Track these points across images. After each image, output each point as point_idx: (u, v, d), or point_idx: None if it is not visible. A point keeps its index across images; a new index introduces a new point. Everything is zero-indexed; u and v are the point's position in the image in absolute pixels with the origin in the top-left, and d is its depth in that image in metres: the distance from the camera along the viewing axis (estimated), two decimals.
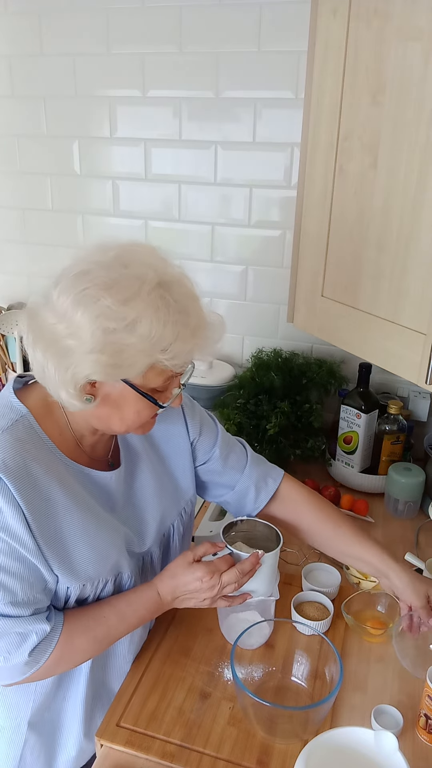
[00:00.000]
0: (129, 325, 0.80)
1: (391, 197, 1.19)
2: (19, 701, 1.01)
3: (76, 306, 0.80)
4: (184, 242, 1.85)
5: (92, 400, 0.86)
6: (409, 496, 1.52)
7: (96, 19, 1.70)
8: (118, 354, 0.81)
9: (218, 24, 1.61)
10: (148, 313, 0.80)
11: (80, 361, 0.81)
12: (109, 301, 0.79)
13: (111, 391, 0.87)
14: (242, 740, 0.95)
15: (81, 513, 0.92)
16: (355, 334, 1.34)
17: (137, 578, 1.03)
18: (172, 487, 1.11)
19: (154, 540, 1.06)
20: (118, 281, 0.81)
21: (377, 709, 0.99)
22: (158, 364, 0.84)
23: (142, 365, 0.83)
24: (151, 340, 0.81)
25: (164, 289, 0.83)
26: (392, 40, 1.12)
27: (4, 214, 2.01)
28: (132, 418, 0.90)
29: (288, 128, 1.64)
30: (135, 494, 1.04)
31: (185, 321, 0.83)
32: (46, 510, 0.88)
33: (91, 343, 0.80)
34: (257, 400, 1.63)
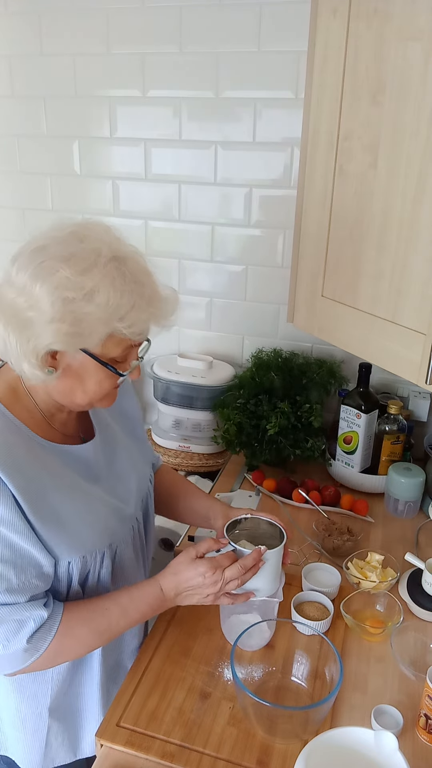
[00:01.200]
0: (87, 295, 0.83)
1: (391, 197, 1.19)
2: (37, 690, 1.03)
3: (35, 279, 0.83)
4: (184, 242, 1.85)
5: (53, 371, 0.88)
6: (409, 496, 1.52)
7: (96, 19, 1.70)
8: (78, 323, 0.84)
9: (218, 24, 1.61)
10: (105, 282, 0.84)
11: (41, 331, 0.84)
12: (67, 272, 0.83)
13: (72, 362, 0.89)
14: (242, 740, 0.95)
15: (68, 489, 0.95)
16: (355, 334, 1.34)
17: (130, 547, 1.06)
18: (140, 454, 1.16)
19: (136, 504, 1.09)
20: (75, 254, 0.84)
21: (377, 709, 0.99)
22: (116, 333, 0.87)
23: (100, 334, 0.86)
24: (108, 309, 0.84)
25: (119, 261, 0.86)
26: (392, 40, 1.12)
27: (4, 214, 2.01)
28: (94, 389, 0.92)
29: (288, 128, 1.64)
30: (114, 462, 1.08)
31: (140, 291, 0.87)
32: (34, 490, 0.89)
33: (51, 313, 0.83)
34: (257, 400, 1.63)
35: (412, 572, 1.30)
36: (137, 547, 1.11)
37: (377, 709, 0.99)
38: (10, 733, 1.08)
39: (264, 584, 1.04)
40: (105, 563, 1.00)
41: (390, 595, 1.20)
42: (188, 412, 1.85)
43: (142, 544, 1.13)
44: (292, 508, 1.55)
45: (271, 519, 1.11)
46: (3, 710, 1.06)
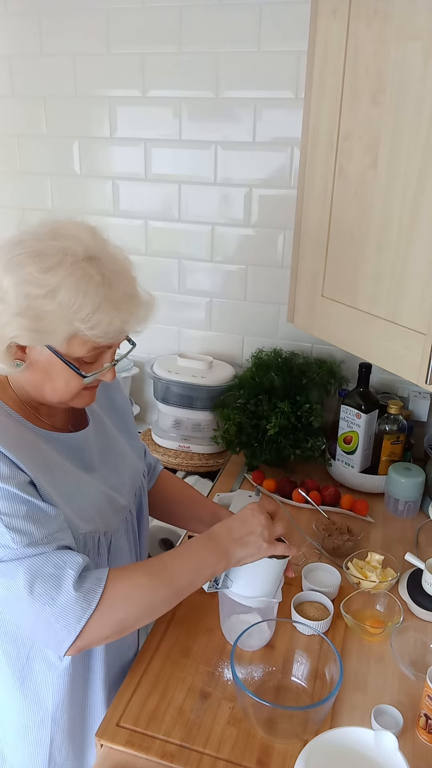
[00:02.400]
0: (50, 293, 0.83)
1: (391, 197, 1.19)
2: (39, 693, 1.00)
3: (5, 271, 0.85)
4: (184, 242, 1.85)
5: (21, 364, 0.90)
6: (409, 496, 1.52)
7: (96, 19, 1.70)
8: (39, 319, 0.84)
9: (218, 24, 1.61)
10: (68, 282, 0.84)
11: (6, 323, 0.85)
12: (32, 269, 0.84)
13: (38, 357, 0.90)
14: (242, 740, 0.95)
15: (62, 474, 0.95)
16: (355, 334, 1.34)
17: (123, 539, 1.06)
18: (131, 449, 1.16)
19: (129, 497, 1.09)
20: (44, 251, 0.85)
21: (377, 709, 0.99)
22: (79, 334, 0.86)
23: (62, 333, 0.86)
24: (70, 308, 0.84)
25: (89, 263, 0.86)
26: (392, 40, 1.12)
27: (4, 214, 2.01)
28: (62, 387, 0.92)
29: (288, 128, 1.64)
30: (107, 453, 1.08)
31: (106, 293, 0.86)
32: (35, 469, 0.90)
33: (15, 307, 0.84)
34: (257, 400, 1.63)
35: (412, 572, 1.30)
36: (131, 541, 1.10)
37: (377, 709, 0.99)
38: (14, 744, 1.04)
39: (264, 590, 1.03)
40: (101, 550, 0.99)
41: (390, 595, 1.20)
42: (188, 412, 1.85)
43: (135, 539, 1.13)
44: (292, 508, 1.55)
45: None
46: (8, 716, 1.03)
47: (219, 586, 1.02)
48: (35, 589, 0.84)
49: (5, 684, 1.00)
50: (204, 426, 1.86)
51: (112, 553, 1.03)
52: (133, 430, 1.20)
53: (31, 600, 0.83)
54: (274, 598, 1.05)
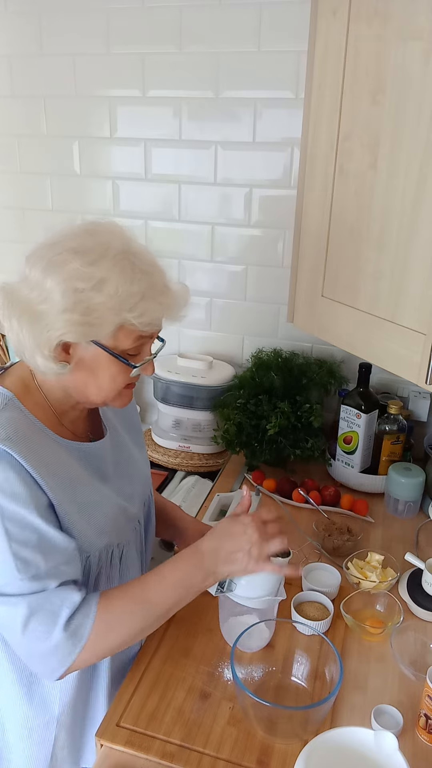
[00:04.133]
0: (97, 285, 0.84)
1: (391, 197, 1.19)
2: (46, 699, 1.01)
3: (46, 272, 0.85)
4: (184, 242, 1.85)
5: (67, 366, 0.89)
6: (409, 496, 1.52)
7: (96, 19, 1.70)
8: (88, 313, 0.84)
9: (218, 24, 1.61)
10: (114, 272, 0.85)
11: (53, 322, 0.84)
12: (77, 264, 0.84)
13: (84, 354, 0.89)
14: (242, 740, 0.95)
15: (81, 485, 0.95)
16: (355, 334, 1.34)
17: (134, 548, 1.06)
18: (142, 459, 1.16)
19: (139, 505, 1.09)
20: (85, 245, 0.86)
21: (377, 709, 0.99)
22: (127, 324, 0.87)
23: (111, 324, 0.86)
24: (118, 298, 0.84)
25: (129, 254, 0.88)
26: (392, 40, 1.12)
27: (4, 214, 2.01)
28: (108, 384, 0.92)
29: (288, 128, 1.64)
30: (122, 462, 1.08)
31: (150, 281, 0.88)
32: (55, 482, 0.89)
33: (62, 304, 0.84)
34: (257, 400, 1.63)
35: (412, 572, 1.30)
36: (139, 550, 1.11)
37: (377, 709, 0.99)
38: (15, 745, 1.04)
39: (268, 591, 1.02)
40: (114, 562, 1.00)
41: (390, 595, 1.20)
42: (188, 412, 1.85)
43: (142, 547, 1.13)
44: (292, 508, 1.55)
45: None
46: (10, 721, 1.03)
47: (224, 590, 1.01)
48: (29, 625, 0.86)
49: (11, 690, 1.00)
50: (204, 426, 1.86)
51: (123, 564, 1.03)
52: (142, 440, 1.20)
53: (23, 635, 0.86)
54: (277, 596, 1.04)
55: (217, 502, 1.48)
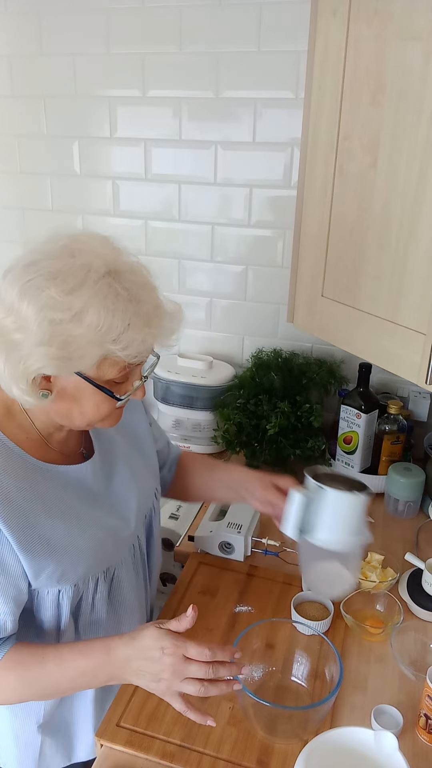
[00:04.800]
0: (76, 316, 0.78)
1: (391, 197, 1.19)
2: (29, 708, 1.00)
3: (22, 297, 0.78)
4: (184, 242, 1.85)
5: (48, 395, 0.84)
6: (409, 496, 1.52)
7: (96, 19, 1.70)
8: (67, 346, 0.78)
9: (218, 24, 1.61)
10: (94, 302, 0.78)
11: (29, 354, 0.79)
12: (53, 291, 0.77)
13: (66, 384, 0.84)
14: (242, 740, 0.95)
15: (60, 516, 0.90)
16: (355, 335, 1.34)
17: (130, 567, 1.03)
18: (144, 468, 1.12)
19: (137, 521, 1.06)
20: (63, 271, 0.79)
21: (377, 709, 0.99)
22: (110, 356, 0.81)
23: (93, 357, 0.80)
24: (99, 331, 0.78)
25: (112, 277, 0.80)
26: (392, 40, 1.12)
27: (4, 214, 2.01)
28: (92, 411, 0.87)
29: (288, 128, 1.64)
30: (114, 480, 1.04)
31: (136, 309, 0.81)
32: (23, 521, 0.86)
33: (38, 335, 0.78)
34: (257, 400, 1.63)
35: (412, 572, 1.30)
36: (138, 567, 1.07)
37: (377, 709, 0.99)
38: (3, 746, 1.05)
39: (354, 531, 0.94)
40: (100, 588, 0.96)
41: (390, 595, 1.20)
42: (188, 412, 1.85)
43: (144, 564, 1.10)
44: None
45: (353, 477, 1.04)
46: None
47: (303, 534, 0.94)
48: None
49: None
50: (204, 426, 1.86)
51: (114, 588, 1.00)
52: (148, 447, 1.15)
53: None
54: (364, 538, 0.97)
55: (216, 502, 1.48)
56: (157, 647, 0.85)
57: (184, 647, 0.85)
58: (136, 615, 1.08)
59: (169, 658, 0.84)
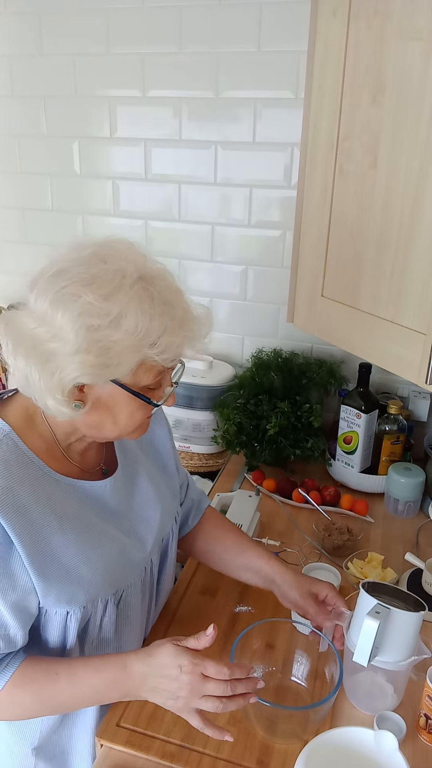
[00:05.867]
0: (114, 321, 0.76)
1: (391, 197, 1.19)
2: (26, 727, 0.98)
3: (56, 306, 0.77)
4: (184, 242, 1.85)
5: (81, 406, 0.82)
6: (409, 496, 1.52)
7: (96, 19, 1.70)
8: (105, 352, 0.77)
9: (218, 24, 1.61)
10: (132, 306, 0.77)
11: (66, 363, 0.77)
12: (90, 297, 0.76)
13: (101, 394, 0.83)
14: (242, 740, 0.95)
15: (74, 531, 0.88)
16: (355, 334, 1.34)
17: (138, 591, 1.00)
18: (167, 489, 1.09)
19: (153, 546, 1.03)
20: (98, 276, 0.78)
21: (380, 715, 0.97)
22: (148, 360, 0.80)
23: (130, 363, 0.79)
24: (137, 335, 0.77)
25: (146, 282, 0.80)
26: (392, 40, 1.12)
27: (4, 214, 2.01)
28: (125, 421, 0.86)
29: (288, 128, 1.64)
30: (135, 500, 1.01)
31: (171, 313, 0.80)
32: (36, 536, 0.84)
33: (75, 344, 0.76)
34: (257, 400, 1.63)
35: (412, 572, 1.30)
36: (145, 592, 1.04)
37: (380, 715, 0.97)
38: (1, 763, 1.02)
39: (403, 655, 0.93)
40: (108, 611, 0.94)
41: None
42: (188, 412, 1.85)
43: (152, 587, 1.07)
44: (292, 508, 1.55)
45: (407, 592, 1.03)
46: None
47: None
48: None
49: None
50: (204, 426, 1.86)
51: (121, 611, 0.97)
52: (171, 468, 1.11)
53: None
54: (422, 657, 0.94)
55: (217, 502, 1.49)
56: (175, 665, 0.83)
57: (203, 665, 0.83)
58: (137, 637, 1.05)
59: (187, 676, 0.83)
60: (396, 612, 0.91)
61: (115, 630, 0.98)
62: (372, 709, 1.00)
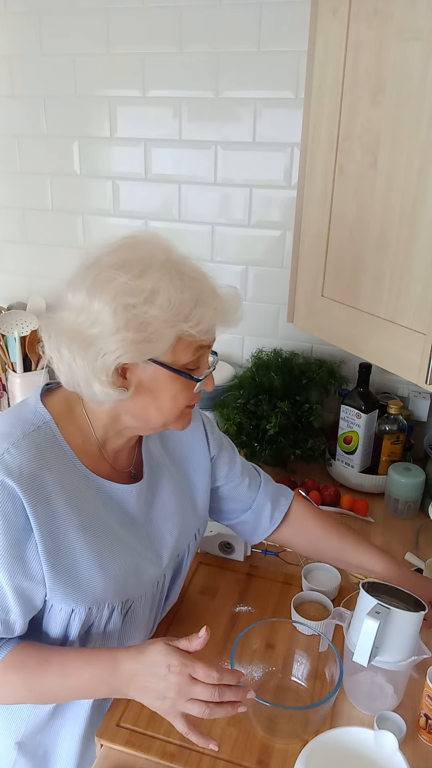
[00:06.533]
0: (148, 297, 0.80)
1: (391, 197, 1.19)
2: (11, 721, 0.98)
3: (92, 294, 0.80)
4: (184, 242, 1.82)
5: (126, 391, 0.84)
6: (409, 496, 1.52)
7: (96, 19, 1.70)
8: (144, 328, 0.80)
9: (218, 24, 1.61)
10: (164, 282, 0.80)
11: (108, 344, 0.80)
12: (124, 278, 0.80)
13: (143, 376, 0.85)
14: (242, 740, 0.95)
15: (94, 531, 0.89)
16: (355, 334, 1.34)
17: (147, 603, 1.00)
18: (191, 504, 1.08)
19: (169, 561, 1.02)
20: (128, 259, 0.82)
21: (380, 715, 0.97)
22: (184, 336, 0.83)
23: (168, 338, 0.81)
24: (172, 309, 0.80)
25: (174, 262, 0.84)
26: (392, 40, 1.12)
27: (4, 214, 2.01)
28: (169, 405, 0.87)
29: (288, 128, 1.64)
30: (155, 510, 1.01)
31: (201, 286, 0.84)
32: (55, 526, 0.85)
33: (114, 323, 0.79)
34: (257, 400, 1.63)
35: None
36: (153, 604, 1.03)
37: (380, 715, 0.97)
38: None
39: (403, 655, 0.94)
40: (114, 618, 0.94)
41: None
42: None
43: (160, 602, 1.06)
44: None
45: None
46: None
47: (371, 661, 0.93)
48: None
49: None
50: None
51: (127, 620, 0.97)
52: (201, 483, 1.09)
53: None
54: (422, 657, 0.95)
55: None
56: (164, 664, 0.83)
57: (192, 667, 0.82)
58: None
59: (176, 677, 0.82)
60: (396, 612, 0.92)
61: (118, 638, 0.98)
62: (372, 709, 1.00)
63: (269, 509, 1.15)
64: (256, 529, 1.16)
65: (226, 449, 1.14)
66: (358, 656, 0.92)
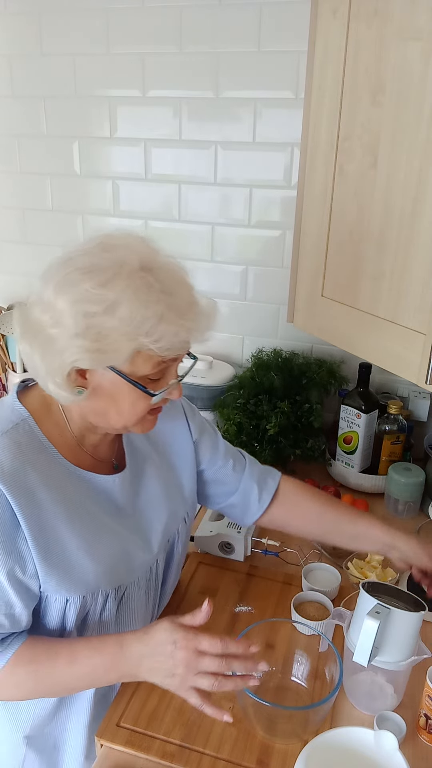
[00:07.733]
0: (109, 308, 0.78)
1: (391, 197, 1.19)
2: (19, 714, 0.99)
3: (58, 292, 0.80)
4: (184, 242, 1.85)
5: (83, 391, 0.84)
6: (409, 496, 1.52)
7: (96, 19, 1.70)
8: (101, 338, 0.79)
9: (218, 24, 1.61)
10: (127, 294, 0.79)
11: (65, 347, 0.80)
12: (88, 285, 0.79)
13: (101, 380, 0.84)
14: (242, 740, 0.95)
15: (80, 521, 0.90)
16: (355, 334, 1.34)
17: (142, 590, 1.01)
18: (177, 490, 1.09)
19: (160, 546, 1.03)
20: (97, 264, 0.80)
21: (380, 715, 0.97)
22: (143, 349, 0.81)
23: (126, 350, 0.80)
24: (132, 323, 0.79)
25: (146, 272, 0.81)
26: (392, 40, 1.12)
27: (4, 214, 2.01)
28: (128, 410, 0.87)
29: (288, 128, 1.64)
30: (141, 498, 1.02)
31: (169, 302, 0.81)
32: (41, 518, 0.86)
33: (73, 329, 0.79)
34: (257, 400, 1.63)
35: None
36: (150, 591, 1.04)
37: (380, 715, 0.97)
38: None
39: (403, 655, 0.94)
40: (108, 606, 0.95)
41: None
42: None
43: (156, 588, 1.07)
44: None
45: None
46: None
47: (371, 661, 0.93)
48: None
49: None
50: None
51: (123, 607, 0.98)
52: (186, 468, 1.10)
53: None
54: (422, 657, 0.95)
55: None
56: (170, 641, 0.84)
57: (197, 640, 0.84)
58: None
59: (182, 651, 0.84)
60: (396, 612, 0.92)
61: (115, 626, 0.98)
62: (372, 709, 1.00)
63: (256, 491, 1.15)
64: (246, 511, 1.16)
65: (207, 432, 1.14)
66: (358, 656, 0.92)
